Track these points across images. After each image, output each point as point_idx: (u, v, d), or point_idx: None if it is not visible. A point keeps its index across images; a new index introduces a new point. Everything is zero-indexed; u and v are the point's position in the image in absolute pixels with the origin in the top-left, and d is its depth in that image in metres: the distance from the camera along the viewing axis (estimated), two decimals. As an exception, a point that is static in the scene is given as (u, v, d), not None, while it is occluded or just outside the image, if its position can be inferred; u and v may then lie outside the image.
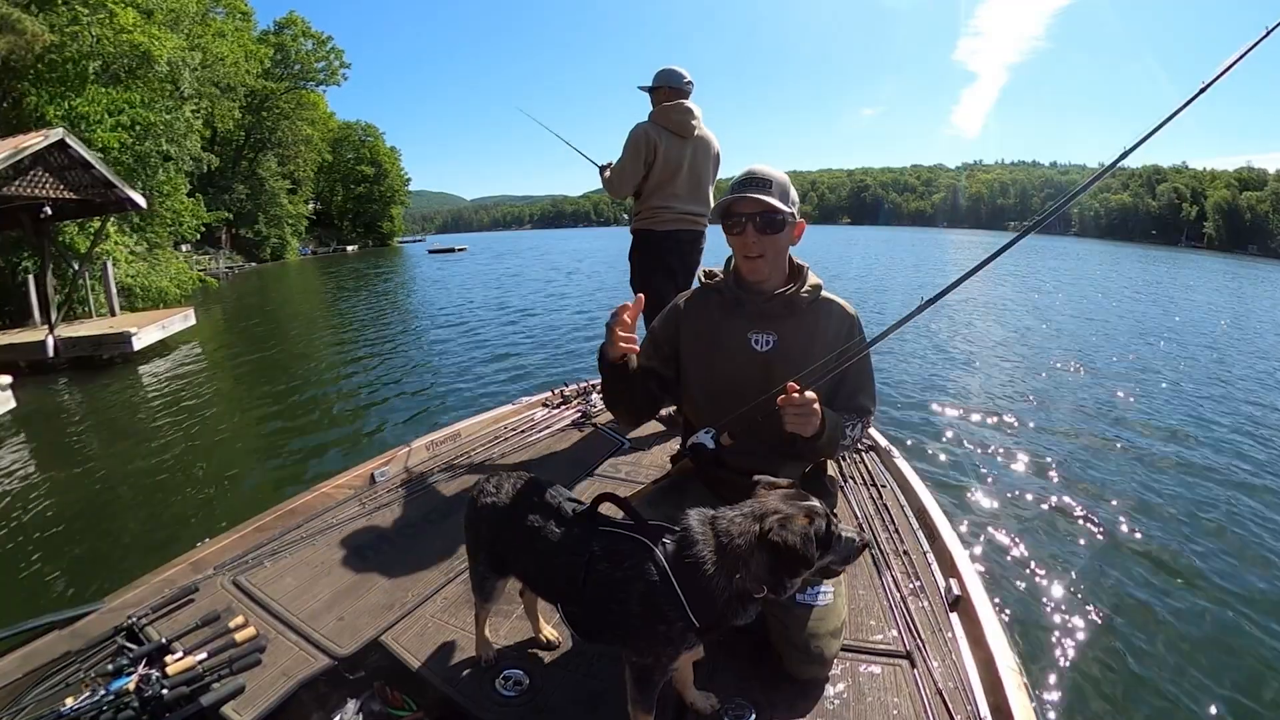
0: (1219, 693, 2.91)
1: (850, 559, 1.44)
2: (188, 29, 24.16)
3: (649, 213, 3.75)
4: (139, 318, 12.34)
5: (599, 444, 3.55)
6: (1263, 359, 10.59)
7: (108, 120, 16.93)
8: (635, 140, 3.62)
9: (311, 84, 48.48)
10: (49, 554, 4.20)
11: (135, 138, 17.87)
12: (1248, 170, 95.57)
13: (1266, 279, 33.07)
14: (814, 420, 1.67)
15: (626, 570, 1.39)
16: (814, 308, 1.92)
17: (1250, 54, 1.76)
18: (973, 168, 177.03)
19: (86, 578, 3.86)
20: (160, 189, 19.51)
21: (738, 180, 1.86)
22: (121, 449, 6.46)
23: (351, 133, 64.24)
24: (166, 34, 20.33)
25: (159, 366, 10.29)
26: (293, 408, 7.96)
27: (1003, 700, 1.60)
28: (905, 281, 22.75)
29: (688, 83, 3.72)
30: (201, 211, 22.48)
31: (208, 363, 11.07)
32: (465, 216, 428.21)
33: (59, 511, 4.87)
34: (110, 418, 7.80)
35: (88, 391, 9.00)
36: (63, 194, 10.35)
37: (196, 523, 4.51)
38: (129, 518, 4.86)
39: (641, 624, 1.37)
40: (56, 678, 1.73)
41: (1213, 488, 5.12)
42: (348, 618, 2.04)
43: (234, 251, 40.79)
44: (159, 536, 4.41)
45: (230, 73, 30.75)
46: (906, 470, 2.97)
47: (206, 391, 8.92)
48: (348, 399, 8.28)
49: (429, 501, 2.86)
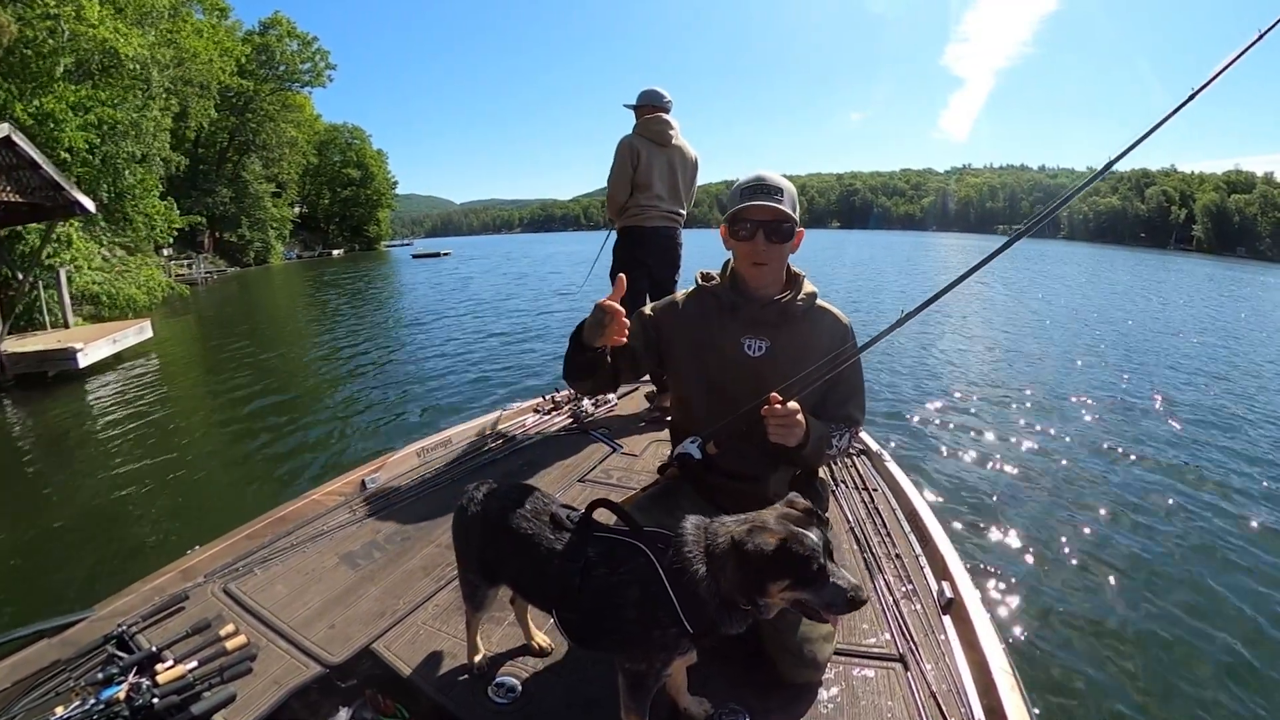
0: (1213, 692, 2.94)
1: (834, 608, 1.30)
2: (156, 24, 23.39)
3: (636, 210, 4.18)
4: (87, 331, 11.37)
5: (590, 449, 3.54)
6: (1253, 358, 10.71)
7: (74, 119, 16.03)
8: (621, 151, 4.14)
9: (296, 85, 48.13)
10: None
11: (102, 137, 17.12)
12: (1236, 173, 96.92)
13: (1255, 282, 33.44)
14: (797, 431, 1.68)
15: (623, 575, 1.39)
16: (808, 316, 1.93)
17: (1242, 57, 1.78)
18: (962, 171, 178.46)
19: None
20: (131, 191, 18.94)
21: (747, 186, 1.83)
22: (61, 478, 5.96)
23: (338, 135, 63.84)
24: (134, 30, 19.71)
25: (109, 383, 9.50)
26: (260, 421, 7.57)
27: (996, 703, 1.61)
28: (896, 284, 22.87)
29: (667, 101, 4.20)
30: (174, 215, 21.69)
31: (164, 378, 10.25)
32: (454, 220, 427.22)
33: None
34: (53, 441, 7.22)
35: (32, 410, 8.34)
36: (10, 196, 9.48)
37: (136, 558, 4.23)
38: (63, 552, 4.48)
39: (637, 629, 1.36)
40: (46, 687, 1.71)
41: (1205, 490, 5.19)
42: (339, 625, 2.02)
43: (217, 255, 40.20)
44: (105, 568, 4.16)
45: (203, 70, 30.18)
46: (898, 473, 2.98)
47: (161, 409, 8.17)
48: (322, 410, 8.03)
49: (420, 508, 2.84)
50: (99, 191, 16.97)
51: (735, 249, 1.91)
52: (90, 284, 15.20)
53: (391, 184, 71.10)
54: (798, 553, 1.26)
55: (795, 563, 1.26)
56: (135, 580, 2.22)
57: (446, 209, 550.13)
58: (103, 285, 15.59)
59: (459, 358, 10.78)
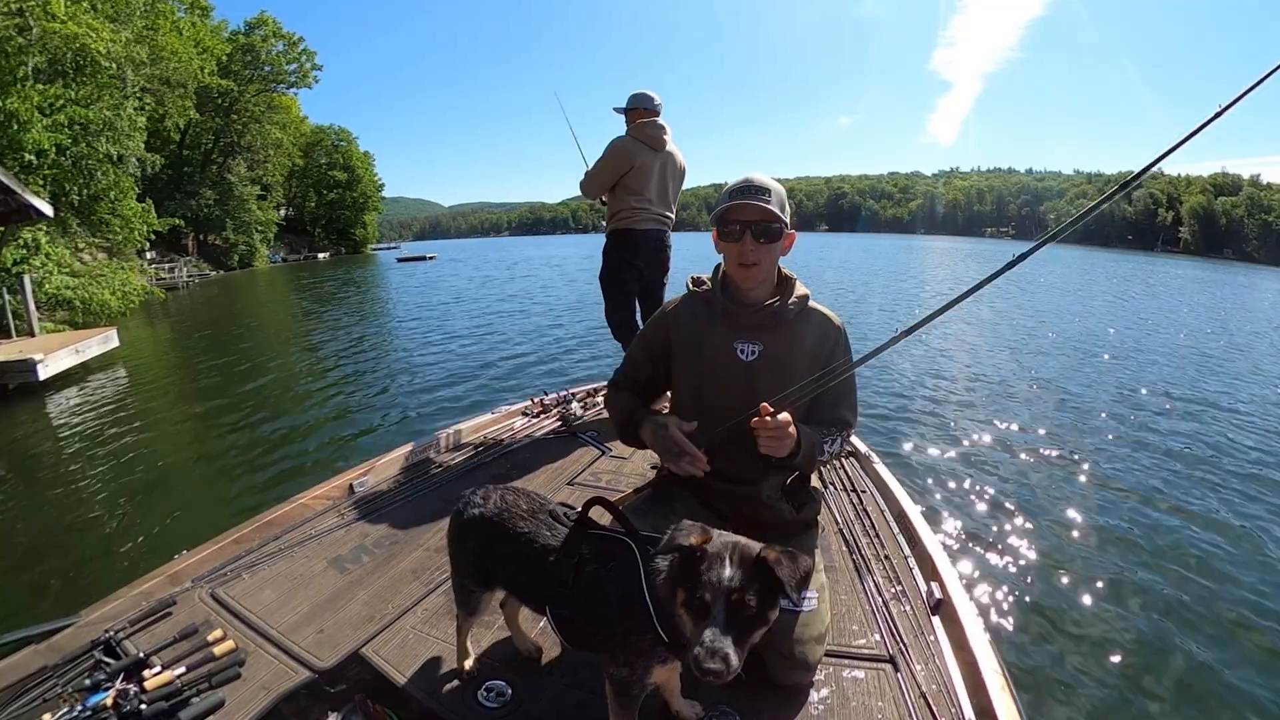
0: (1206, 691, 2.97)
1: (690, 650, 1.15)
2: (131, 21, 22.40)
3: (628, 213, 4.16)
4: (49, 341, 10.62)
5: (579, 452, 3.55)
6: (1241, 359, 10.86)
7: (40, 120, 15.13)
8: (615, 151, 4.09)
9: (282, 86, 47.73)
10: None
11: (72, 138, 16.28)
12: (1223, 176, 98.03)
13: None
14: (787, 443, 1.70)
15: (609, 571, 1.40)
16: (800, 318, 1.94)
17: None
18: (949, 175, 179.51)
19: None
20: (105, 194, 17.99)
21: (736, 187, 1.84)
22: (21, 499, 5.54)
23: (324, 137, 63.17)
24: (104, 26, 18.77)
25: (72, 396, 8.89)
26: (237, 429, 7.28)
27: (987, 702, 1.62)
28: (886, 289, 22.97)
29: (658, 104, 4.18)
30: (151, 217, 20.61)
31: (133, 388, 9.67)
32: (443, 223, 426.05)
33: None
34: (12, 459, 6.63)
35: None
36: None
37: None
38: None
39: (618, 630, 1.37)
40: (33, 693, 1.69)
41: (1197, 488, 5.26)
42: (328, 630, 2.01)
43: (200, 259, 39.75)
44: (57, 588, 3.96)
45: (180, 68, 29.38)
46: (886, 475, 2.99)
47: (129, 422, 7.61)
48: (303, 416, 7.83)
49: (408, 512, 2.84)
50: (69, 194, 16.49)
51: (725, 250, 1.92)
52: (63, 288, 14.74)
53: (378, 186, 70.40)
54: (696, 563, 1.21)
55: (689, 574, 1.21)
56: (121, 586, 2.20)
57: (435, 212, 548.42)
58: (76, 291, 15.07)
59: (446, 361, 10.73)
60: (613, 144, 4.11)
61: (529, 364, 10.28)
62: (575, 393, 4.41)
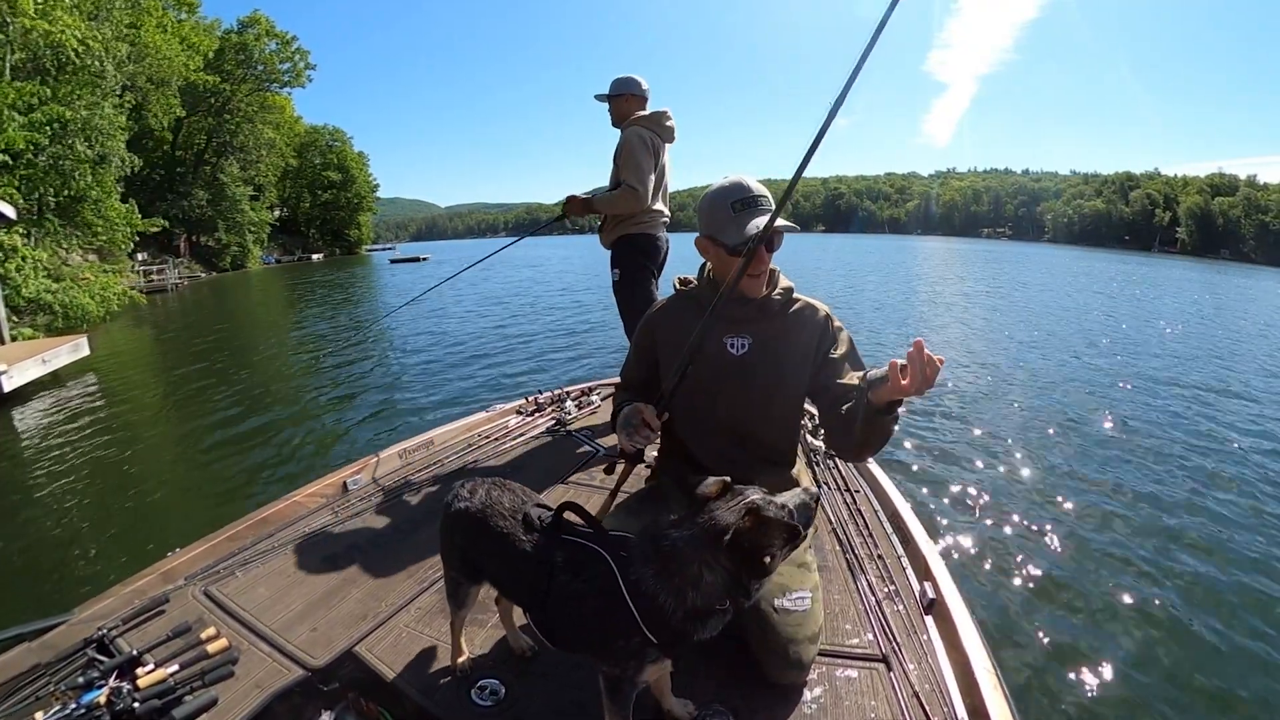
0: (1199, 691, 2.99)
1: (808, 520, 1.40)
2: (111, 17, 22.26)
3: (649, 216, 3.73)
4: (14, 350, 10.03)
5: (572, 451, 3.55)
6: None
7: (15, 119, 14.66)
8: (643, 142, 3.57)
9: (275, 85, 47.49)
10: None
11: (50, 138, 15.87)
12: (1219, 176, 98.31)
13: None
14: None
15: (582, 583, 1.39)
16: (786, 309, 1.96)
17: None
18: (946, 175, 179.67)
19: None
20: (87, 195, 17.67)
21: (742, 198, 1.82)
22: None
23: (319, 137, 62.91)
24: (77, 20, 18.45)
25: (40, 409, 8.43)
26: (220, 436, 7.06)
27: (979, 702, 1.63)
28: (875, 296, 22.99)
29: (645, 89, 3.75)
30: (136, 218, 20.21)
31: (106, 397, 9.19)
32: (439, 224, 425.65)
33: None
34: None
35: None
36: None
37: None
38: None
39: (599, 637, 1.37)
40: (26, 691, 1.69)
41: (1190, 487, 5.28)
42: (321, 628, 2.01)
43: (192, 260, 39.48)
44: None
45: (165, 66, 29.21)
46: (879, 474, 2.99)
47: (103, 433, 7.21)
48: (289, 419, 7.66)
49: (402, 510, 2.84)
50: (44, 196, 16.20)
51: (730, 262, 1.86)
52: (42, 292, 14.22)
53: (373, 187, 70.04)
54: (775, 517, 1.31)
55: (778, 526, 1.31)
56: (114, 584, 2.20)
57: (431, 213, 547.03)
58: (56, 295, 14.57)
59: (441, 359, 10.73)
60: (631, 137, 3.59)
61: (526, 363, 10.28)
62: (569, 391, 4.40)
